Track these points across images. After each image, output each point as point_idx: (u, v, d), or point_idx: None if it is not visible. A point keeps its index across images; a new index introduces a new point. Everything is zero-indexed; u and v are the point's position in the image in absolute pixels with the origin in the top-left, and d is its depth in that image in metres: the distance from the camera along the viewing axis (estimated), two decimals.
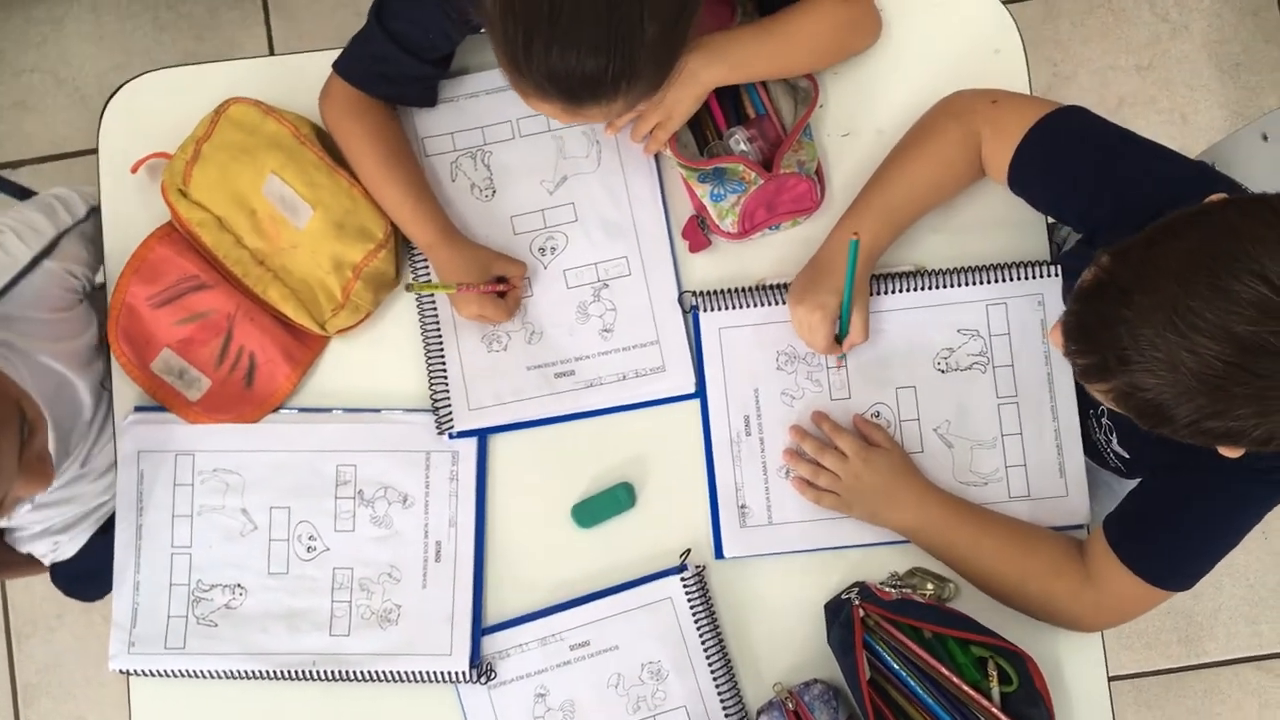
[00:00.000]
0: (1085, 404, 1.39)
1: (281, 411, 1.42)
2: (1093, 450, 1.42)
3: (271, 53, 2.49)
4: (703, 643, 1.37)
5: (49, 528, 1.53)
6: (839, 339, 1.37)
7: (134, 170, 1.44)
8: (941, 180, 1.35)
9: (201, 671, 1.38)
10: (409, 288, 1.38)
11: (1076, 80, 2.51)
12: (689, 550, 1.39)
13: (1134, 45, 2.51)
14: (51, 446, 1.31)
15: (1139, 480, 1.35)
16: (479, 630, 1.39)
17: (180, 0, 2.53)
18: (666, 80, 1.20)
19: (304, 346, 1.42)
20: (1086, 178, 1.23)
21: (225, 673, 1.39)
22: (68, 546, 1.57)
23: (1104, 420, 1.38)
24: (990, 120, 1.32)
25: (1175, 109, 2.49)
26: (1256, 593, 2.41)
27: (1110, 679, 1.38)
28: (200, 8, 2.53)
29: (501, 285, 1.39)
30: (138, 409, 1.43)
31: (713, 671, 1.37)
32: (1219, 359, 0.93)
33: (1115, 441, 1.37)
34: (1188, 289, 0.94)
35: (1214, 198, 1.01)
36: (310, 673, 1.38)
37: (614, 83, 1.13)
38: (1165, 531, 1.26)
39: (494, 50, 1.16)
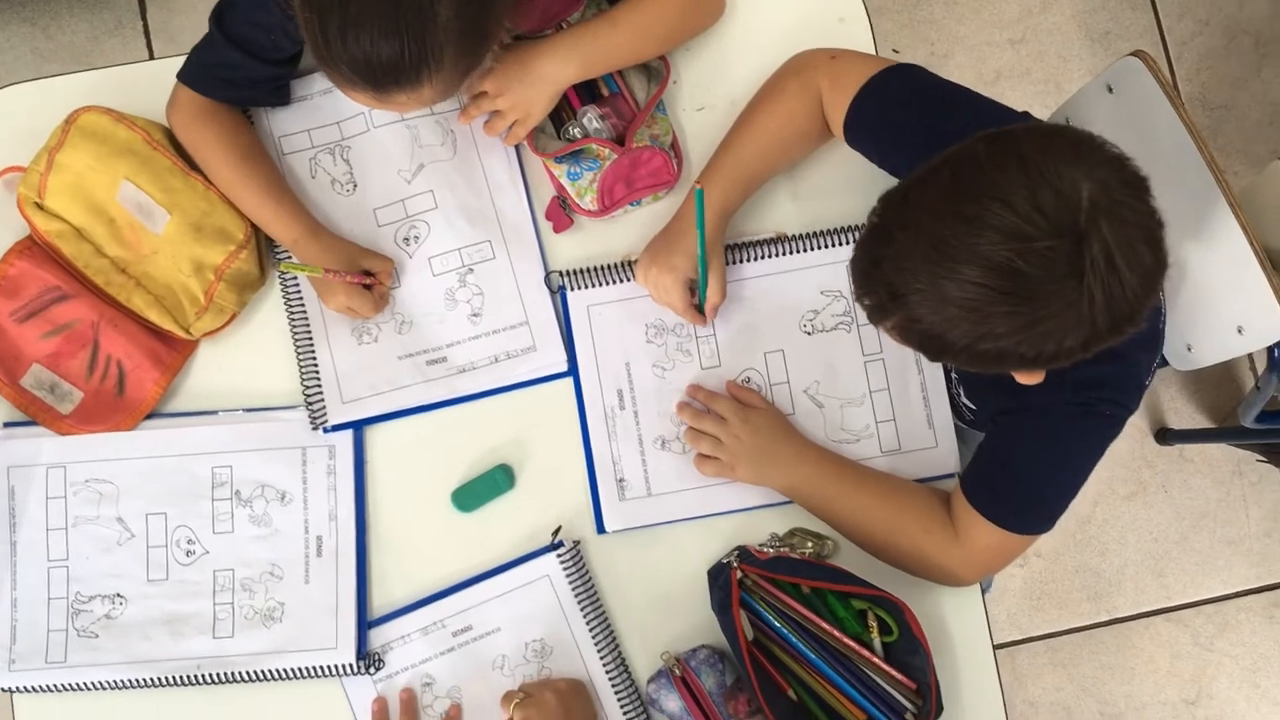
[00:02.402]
0: None
1: (153, 417, 1.41)
2: (952, 405, 1.45)
3: None
4: (585, 617, 1.38)
5: None
6: (700, 307, 1.39)
7: None
8: (786, 136, 1.38)
9: (86, 684, 1.37)
10: (277, 266, 1.38)
11: (953, 59, 2.57)
12: (560, 528, 1.40)
13: (1006, 20, 2.57)
14: None
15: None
16: (364, 622, 1.38)
17: (57, 30, 2.51)
18: (476, 67, 1.22)
19: (172, 351, 1.41)
20: (914, 131, 1.26)
21: (110, 683, 1.37)
22: None
23: (953, 374, 1.41)
24: (830, 75, 1.35)
25: (1049, 79, 2.55)
26: (1161, 546, 2.46)
27: (1029, 639, 1.40)
28: (79, 36, 2.52)
29: (368, 279, 1.39)
30: (7, 424, 1.41)
31: (597, 645, 1.38)
32: (973, 282, 0.97)
33: (963, 394, 1.40)
34: (941, 221, 0.99)
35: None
36: (195, 677, 1.37)
37: (414, 68, 1.13)
38: (1011, 478, 1.29)
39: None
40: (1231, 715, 2.43)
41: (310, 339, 1.42)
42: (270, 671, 1.37)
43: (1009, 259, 0.95)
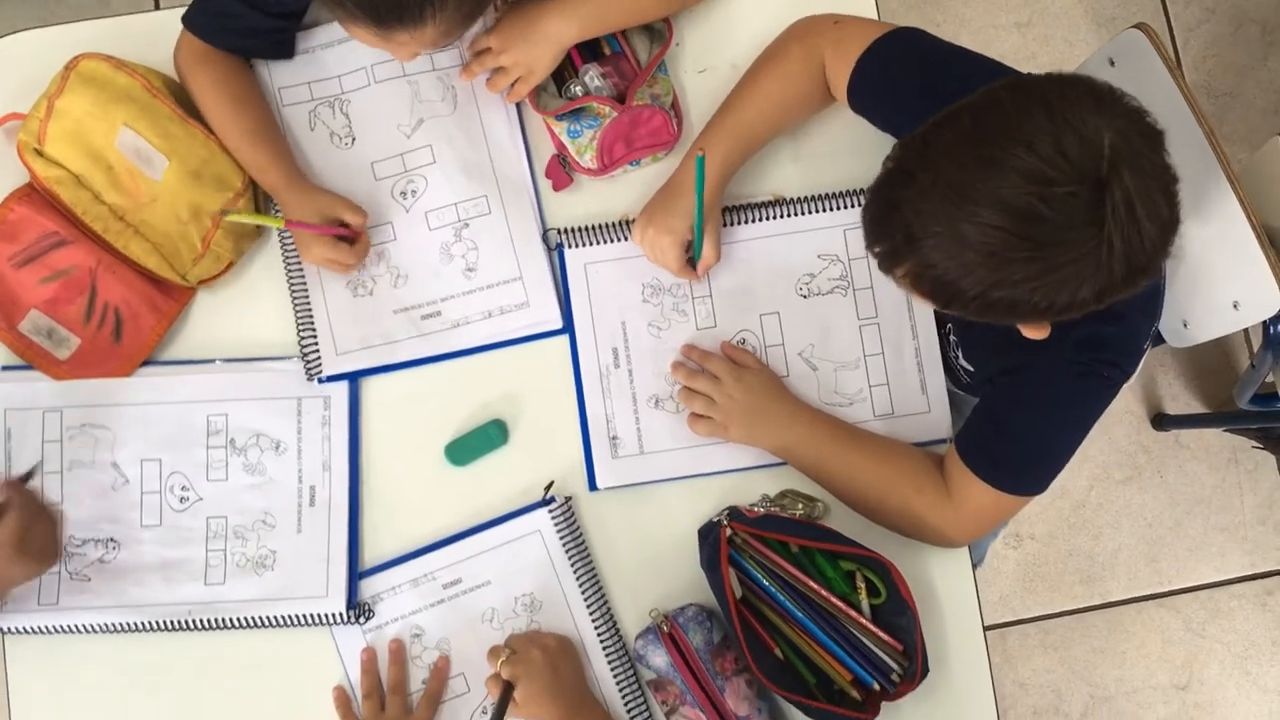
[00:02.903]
0: (938, 321, 1.43)
1: (150, 364, 1.42)
2: (949, 370, 1.45)
3: None
4: (575, 573, 1.38)
5: None
6: (694, 264, 1.39)
7: None
8: (787, 100, 1.38)
9: (76, 627, 1.37)
10: (223, 213, 1.37)
11: (958, 41, 2.51)
12: (552, 483, 1.40)
13: (1012, 4, 2.57)
14: None
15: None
16: (355, 572, 1.39)
17: None
18: (480, 13, 1.23)
19: (169, 298, 1.42)
20: (916, 94, 1.26)
21: (100, 626, 1.37)
22: None
23: (951, 336, 1.41)
24: (833, 41, 1.35)
25: (1055, 63, 2.55)
26: (1155, 531, 2.46)
27: (1021, 621, 1.40)
28: None
29: (343, 230, 1.39)
30: (4, 368, 1.42)
31: (586, 601, 1.38)
32: (993, 226, 0.97)
33: (961, 356, 1.40)
34: (962, 164, 0.99)
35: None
36: (186, 622, 1.37)
37: (418, 5, 1.14)
38: (1006, 437, 1.29)
39: None
40: (1222, 701, 2.43)
41: (306, 290, 1.42)
42: (261, 619, 1.38)
43: (1030, 203, 0.95)
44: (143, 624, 1.38)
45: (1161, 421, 2.45)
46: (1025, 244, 0.97)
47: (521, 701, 1.28)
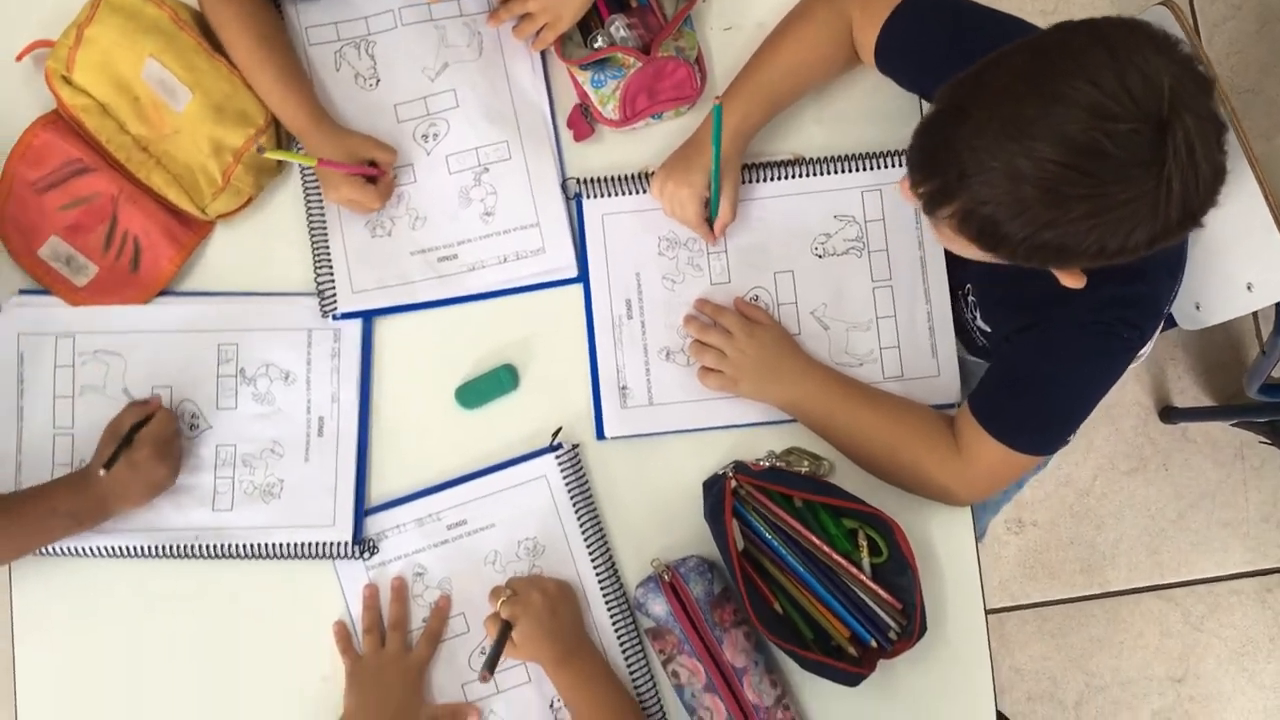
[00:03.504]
0: (954, 284, 1.43)
1: (165, 295, 1.43)
2: (962, 333, 1.45)
3: None
4: (578, 519, 1.39)
5: None
6: (710, 223, 1.40)
7: (19, 59, 1.43)
8: (810, 61, 1.38)
9: (84, 549, 1.38)
10: (260, 150, 1.38)
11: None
12: (560, 429, 1.41)
13: None
14: None
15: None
16: (362, 505, 1.40)
17: None
18: None
19: (188, 230, 1.43)
20: (945, 53, 1.26)
21: (108, 549, 1.38)
22: None
23: (969, 297, 1.41)
24: (859, 3, 1.35)
25: None
26: (1158, 523, 2.46)
27: (1020, 607, 1.41)
28: None
29: (371, 170, 1.40)
30: (21, 291, 1.43)
31: (589, 547, 1.39)
32: (1053, 161, 0.96)
33: (979, 317, 1.40)
34: (1021, 99, 0.98)
35: None
36: (193, 548, 1.38)
37: None
38: (1023, 395, 1.29)
39: None
40: (1217, 695, 2.43)
41: (325, 227, 1.43)
42: (267, 546, 1.39)
43: (1094, 138, 0.94)
44: (150, 548, 1.38)
45: (1169, 414, 2.45)
46: (1085, 180, 0.96)
47: (519, 642, 1.29)
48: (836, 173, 1.44)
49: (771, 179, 1.44)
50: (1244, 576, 2.45)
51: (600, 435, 1.42)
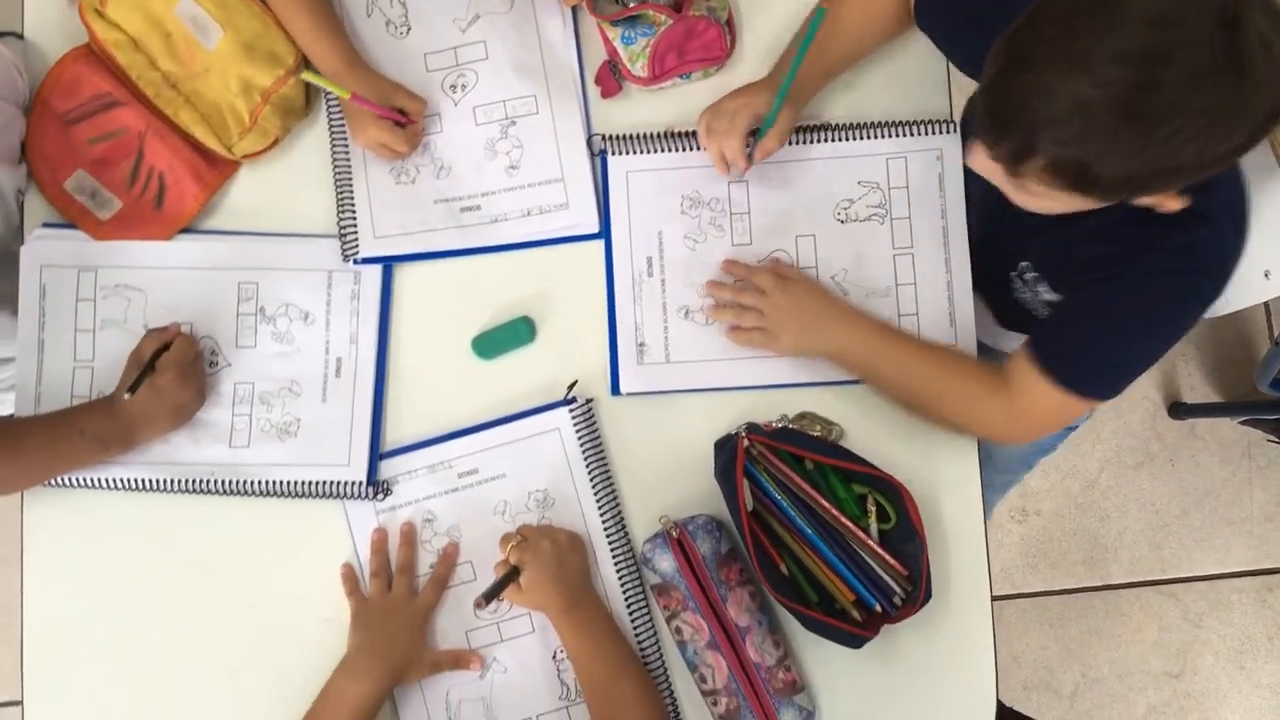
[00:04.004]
0: (1005, 267, 1.43)
1: (188, 232, 1.43)
2: (1018, 314, 1.46)
3: None
4: (589, 473, 1.40)
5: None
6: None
7: None
8: (865, 20, 1.38)
9: (101, 481, 1.39)
10: (303, 74, 1.38)
11: None
12: (575, 382, 1.41)
13: None
14: None
15: None
16: (377, 447, 1.41)
17: None
18: None
19: (213, 169, 1.43)
20: (984, 10, 1.25)
21: (125, 482, 1.39)
22: None
23: (1029, 275, 1.39)
24: None
25: None
26: (1162, 518, 2.46)
27: (1020, 595, 1.40)
28: None
29: (400, 116, 1.40)
30: (46, 225, 1.43)
31: (599, 501, 1.39)
32: (1125, 81, 0.94)
33: (1046, 289, 1.38)
34: (1078, 31, 0.96)
35: None
36: (208, 483, 1.39)
37: None
38: (1087, 336, 1.27)
39: None
40: (1213, 692, 2.43)
41: (349, 170, 1.43)
42: (282, 484, 1.39)
43: (1157, 46, 0.92)
44: (166, 481, 1.39)
45: (1178, 410, 2.45)
46: (1158, 92, 0.93)
47: (526, 587, 1.30)
48: (862, 139, 1.44)
49: (798, 143, 1.44)
50: (1245, 575, 2.46)
51: (615, 391, 1.42)
